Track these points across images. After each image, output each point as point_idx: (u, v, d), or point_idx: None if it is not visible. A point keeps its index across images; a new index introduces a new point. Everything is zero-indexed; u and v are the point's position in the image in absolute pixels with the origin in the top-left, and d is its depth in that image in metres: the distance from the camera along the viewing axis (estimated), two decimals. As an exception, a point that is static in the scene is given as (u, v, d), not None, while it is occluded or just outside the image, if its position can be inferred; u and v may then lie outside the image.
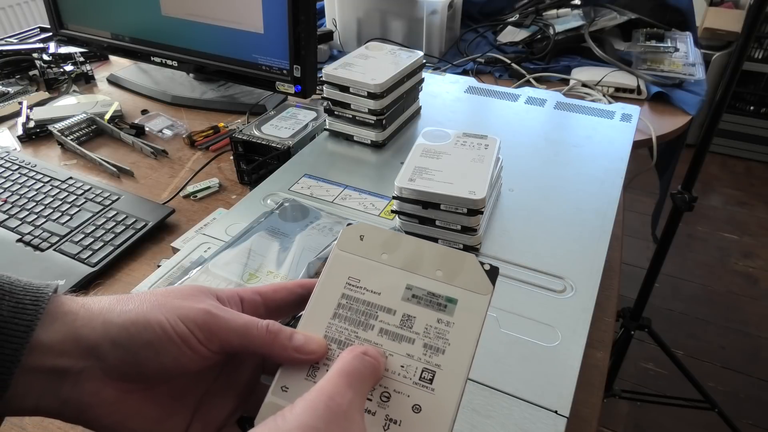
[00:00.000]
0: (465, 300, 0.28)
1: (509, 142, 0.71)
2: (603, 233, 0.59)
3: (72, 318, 0.27)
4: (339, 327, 0.28)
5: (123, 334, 0.26)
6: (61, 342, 0.26)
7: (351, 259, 0.30)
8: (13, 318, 0.26)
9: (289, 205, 0.59)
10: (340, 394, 0.24)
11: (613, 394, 1.46)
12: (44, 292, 0.27)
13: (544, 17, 1.30)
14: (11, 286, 0.27)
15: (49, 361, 0.26)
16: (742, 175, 2.55)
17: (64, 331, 0.27)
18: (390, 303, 0.29)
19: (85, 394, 0.26)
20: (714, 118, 1.10)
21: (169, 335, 0.26)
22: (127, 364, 0.27)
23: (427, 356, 0.27)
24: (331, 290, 0.29)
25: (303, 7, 0.85)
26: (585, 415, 0.49)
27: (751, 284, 1.96)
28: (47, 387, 0.26)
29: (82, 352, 0.26)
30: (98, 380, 0.27)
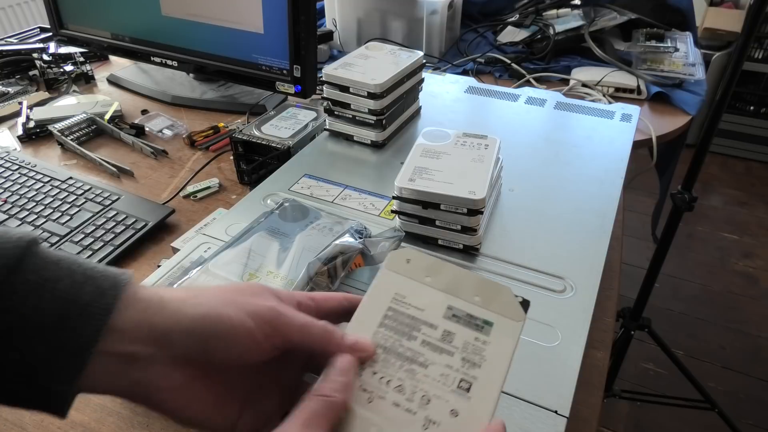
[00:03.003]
0: (500, 324, 0.32)
1: (509, 142, 0.71)
2: (603, 233, 0.59)
3: (145, 306, 0.28)
4: (385, 335, 0.31)
5: (195, 326, 0.28)
6: (134, 328, 0.28)
7: (397, 278, 0.33)
8: (94, 302, 0.27)
9: (289, 205, 0.59)
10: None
11: (613, 394, 1.46)
12: (121, 279, 0.28)
13: (544, 17, 1.30)
14: (92, 272, 0.28)
15: (123, 346, 0.27)
16: (742, 175, 2.55)
17: (137, 318, 0.28)
18: (432, 319, 0.32)
19: (153, 378, 0.28)
20: (714, 118, 1.10)
21: (237, 329, 0.28)
22: (195, 353, 0.29)
23: (464, 368, 0.30)
24: (378, 303, 0.33)
25: (303, 7, 0.85)
26: (585, 415, 0.49)
27: (751, 284, 1.96)
28: (120, 370, 0.28)
29: (153, 339, 0.28)
30: (166, 366, 0.28)
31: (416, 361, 0.30)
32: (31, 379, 0.26)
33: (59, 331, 0.26)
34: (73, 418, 0.50)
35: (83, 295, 0.27)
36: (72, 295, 0.27)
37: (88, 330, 0.26)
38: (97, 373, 0.27)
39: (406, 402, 0.29)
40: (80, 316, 0.26)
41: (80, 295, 0.27)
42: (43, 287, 0.26)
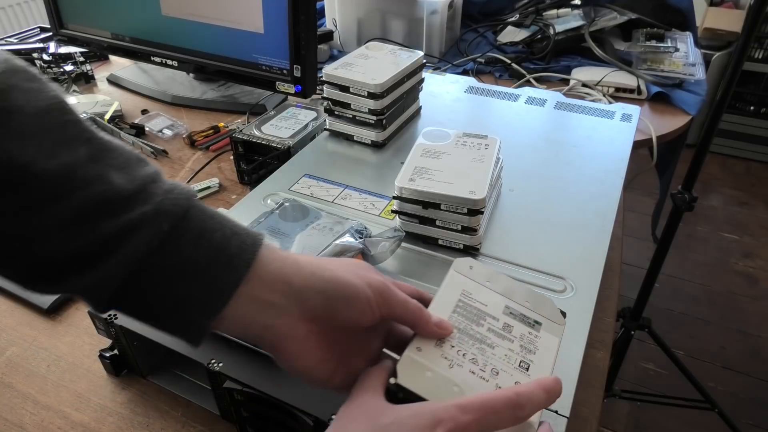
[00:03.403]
0: (547, 325, 0.39)
1: (509, 142, 0.71)
2: (603, 233, 0.59)
3: (281, 264, 0.33)
4: (458, 319, 0.37)
5: (325, 287, 0.33)
6: (273, 281, 0.33)
7: (463, 279, 0.40)
8: (238, 253, 0.32)
9: (289, 205, 0.59)
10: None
11: (613, 394, 1.46)
12: (260, 238, 0.34)
13: (544, 17, 1.30)
14: (237, 228, 0.33)
15: (262, 293, 0.32)
16: (742, 175, 2.55)
17: (277, 273, 0.33)
18: (494, 313, 0.39)
19: (282, 327, 0.33)
20: (714, 118, 1.10)
21: (358, 295, 0.33)
22: (321, 311, 0.33)
23: (522, 353, 0.37)
24: (449, 295, 0.39)
25: (303, 7, 0.85)
26: (585, 415, 0.49)
27: (751, 284, 1.96)
28: (256, 313, 0.32)
29: (289, 293, 0.33)
30: (295, 318, 0.33)
31: (485, 342, 0.37)
32: (180, 310, 0.31)
33: (209, 273, 0.31)
34: (74, 418, 0.50)
35: (230, 246, 0.32)
36: (222, 245, 0.32)
37: (232, 276, 0.31)
38: (236, 313, 0.32)
39: (480, 371, 0.35)
40: (227, 264, 0.31)
41: (228, 246, 0.32)
42: (203, 236, 0.31)
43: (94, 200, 0.29)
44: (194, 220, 0.32)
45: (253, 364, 0.44)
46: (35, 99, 0.29)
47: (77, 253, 0.29)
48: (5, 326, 0.61)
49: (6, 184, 0.27)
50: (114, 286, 0.30)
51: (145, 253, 0.30)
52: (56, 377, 0.55)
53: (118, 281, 0.30)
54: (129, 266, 0.30)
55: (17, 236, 0.28)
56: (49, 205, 0.28)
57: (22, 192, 0.28)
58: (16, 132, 0.28)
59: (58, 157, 0.29)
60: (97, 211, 0.29)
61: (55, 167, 0.28)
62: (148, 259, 0.30)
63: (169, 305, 0.31)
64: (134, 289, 0.31)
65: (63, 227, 0.28)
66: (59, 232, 0.29)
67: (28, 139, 0.28)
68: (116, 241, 0.29)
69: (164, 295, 0.31)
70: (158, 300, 0.31)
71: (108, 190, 0.29)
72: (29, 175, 0.28)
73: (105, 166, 0.30)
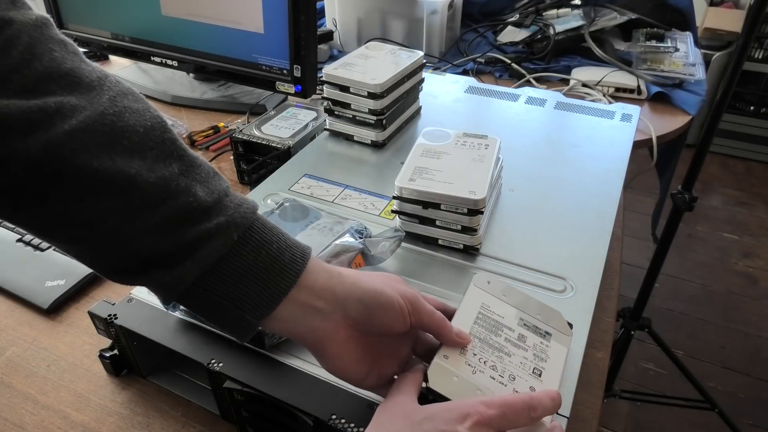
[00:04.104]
0: (556, 335, 0.43)
1: (509, 142, 0.71)
2: (603, 233, 0.59)
3: (327, 276, 0.38)
4: (478, 330, 0.41)
5: (365, 297, 0.38)
6: (320, 289, 0.37)
7: (482, 293, 0.44)
8: (291, 264, 0.37)
9: (289, 204, 0.59)
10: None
11: (613, 394, 1.46)
12: (307, 252, 0.38)
13: (544, 17, 1.30)
14: (290, 241, 0.38)
15: (310, 299, 0.37)
16: (742, 175, 2.55)
17: (323, 283, 0.38)
18: (510, 324, 0.43)
19: (326, 330, 0.37)
20: (714, 118, 1.10)
21: (393, 305, 0.38)
22: (360, 318, 0.38)
23: (536, 361, 0.41)
24: (470, 308, 0.43)
25: (303, 7, 0.85)
26: (585, 415, 0.49)
27: (751, 284, 1.96)
28: (304, 317, 0.37)
29: (333, 300, 0.37)
30: (338, 323, 0.38)
31: (503, 351, 0.41)
32: (236, 309, 0.35)
33: (265, 279, 0.36)
34: (74, 418, 0.50)
35: (283, 257, 0.37)
36: (278, 256, 0.36)
37: (282, 283, 0.36)
38: (285, 315, 0.37)
39: (499, 377, 0.39)
40: (280, 272, 0.36)
41: (281, 257, 0.36)
42: (263, 246, 0.36)
43: (182, 210, 0.34)
44: (257, 232, 0.36)
45: (253, 364, 0.45)
46: (142, 119, 0.34)
47: (162, 253, 0.34)
48: (5, 326, 0.61)
49: (114, 192, 0.32)
50: (188, 283, 0.35)
51: (217, 258, 0.35)
52: (56, 377, 0.55)
53: (192, 280, 0.35)
54: (202, 268, 0.34)
55: (115, 236, 0.33)
56: (145, 212, 0.33)
57: (126, 200, 0.33)
58: (128, 148, 0.33)
59: (156, 171, 0.34)
60: (182, 219, 0.34)
61: (154, 179, 0.33)
62: (218, 263, 0.35)
63: (227, 304, 0.35)
64: (202, 287, 0.35)
65: (154, 230, 0.33)
66: (151, 233, 0.33)
67: (135, 154, 0.33)
68: (195, 245, 0.34)
69: (225, 295, 0.35)
70: (219, 298, 0.35)
71: (193, 201, 0.34)
72: (133, 185, 0.33)
73: (191, 180, 0.35)
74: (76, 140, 0.31)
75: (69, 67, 0.33)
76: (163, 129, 0.36)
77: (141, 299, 0.51)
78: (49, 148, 0.30)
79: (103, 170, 0.32)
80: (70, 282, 0.64)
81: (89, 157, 0.31)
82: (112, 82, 0.35)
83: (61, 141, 0.31)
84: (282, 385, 0.43)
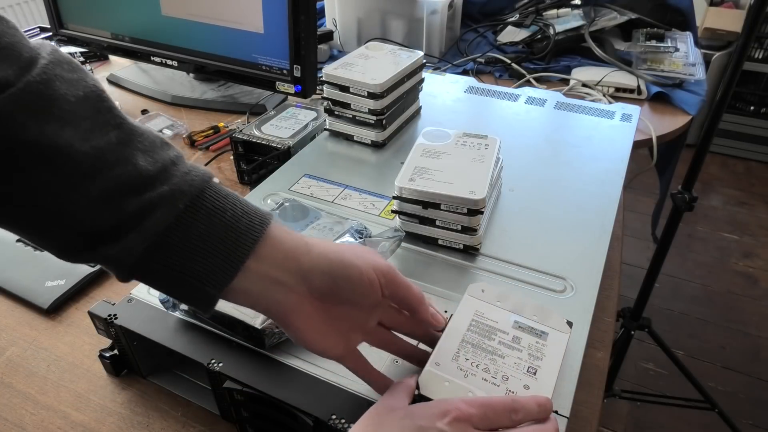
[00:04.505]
0: (553, 334, 0.44)
1: (509, 142, 0.71)
2: (603, 233, 0.59)
3: (292, 245, 0.37)
4: (472, 336, 0.43)
5: (332, 269, 0.37)
6: (283, 259, 0.36)
7: (476, 302, 0.46)
8: (247, 232, 0.35)
9: (289, 205, 0.59)
10: None
11: (613, 394, 1.46)
12: (268, 218, 0.36)
13: (544, 17, 1.30)
14: (247, 208, 0.36)
15: (270, 270, 0.35)
16: (742, 175, 2.55)
17: (286, 252, 0.36)
18: (504, 328, 0.44)
19: (290, 303, 0.36)
20: (714, 118, 1.10)
21: (362, 277, 0.37)
22: (327, 290, 0.37)
23: (530, 360, 0.41)
24: (464, 316, 0.45)
25: (303, 7, 0.85)
26: (585, 415, 0.49)
27: (751, 284, 1.96)
28: (265, 289, 0.36)
29: (297, 271, 0.36)
30: (302, 296, 0.37)
31: (496, 353, 0.42)
32: (191, 282, 0.34)
33: (219, 249, 0.34)
34: (74, 418, 0.50)
35: (240, 225, 0.35)
36: (233, 224, 0.34)
37: (238, 252, 0.34)
38: (244, 287, 0.35)
39: (492, 378, 0.40)
40: (236, 241, 0.34)
41: (238, 225, 0.35)
42: (215, 215, 0.34)
43: (120, 180, 0.32)
44: (208, 200, 0.34)
45: (253, 364, 0.45)
46: (75, 88, 0.32)
47: (105, 227, 0.32)
48: (5, 326, 0.61)
49: (45, 163, 0.31)
50: (135, 257, 0.33)
51: (163, 228, 0.33)
52: (56, 377, 0.55)
53: (138, 253, 0.33)
54: (147, 240, 0.33)
55: (53, 210, 0.32)
56: (81, 183, 0.32)
57: (58, 171, 0.31)
58: (57, 117, 0.31)
59: (91, 140, 0.32)
60: (121, 191, 0.32)
61: (88, 149, 0.32)
62: (165, 234, 0.33)
63: (181, 277, 0.34)
64: (152, 260, 0.33)
65: (92, 203, 0.32)
66: (89, 207, 0.32)
67: (66, 124, 0.31)
68: (137, 217, 0.33)
69: (178, 268, 0.34)
70: (173, 271, 0.34)
71: (132, 171, 0.33)
72: (65, 156, 0.31)
73: (132, 150, 0.33)
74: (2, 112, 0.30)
75: (8, 42, 0.31)
76: (99, 98, 0.33)
77: (141, 299, 0.51)
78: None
79: (30, 141, 0.30)
80: (70, 282, 0.64)
81: (15, 127, 0.30)
82: (48, 52, 0.33)
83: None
84: (282, 385, 0.43)
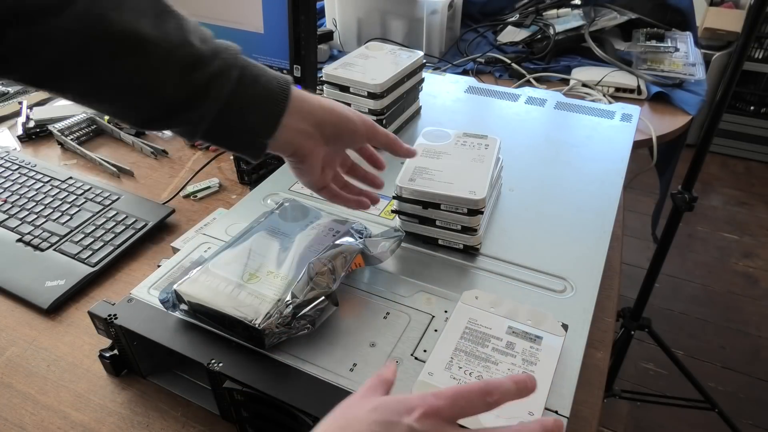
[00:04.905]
0: (547, 338, 0.44)
1: (509, 142, 0.71)
2: (603, 233, 0.59)
3: (309, 104, 0.47)
4: (465, 344, 0.44)
5: (338, 121, 0.49)
6: (306, 114, 0.47)
7: (469, 309, 0.47)
8: (279, 92, 0.45)
9: (289, 205, 0.59)
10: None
11: (613, 394, 1.46)
12: (288, 81, 0.46)
13: (544, 17, 1.30)
14: (270, 72, 0.45)
15: (298, 123, 0.46)
16: (742, 175, 2.55)
17: (307, 109, 0.47)
18: (498, 334, 0.44)
19: (310, 146, 0.48)
20: (714, 118, 1.10)
21: (357, 128, 0.50)
22: (331, 135, 0.49)
23: (524, 366, 0.42)
24: (457, 325, 0.45)
25: (303, 7, 0.85)
26: (585, 415, 0.49)
27: (751, 284, 1.96)
28: (294, 137, 0.47)
29: (314, 123, 0.47)
30: (316, 140, 0.48)
31: (489, 360, 0.42)
32: (249, 133, 0.45)
33: (264, 108, 0.44)
34: (74, 418, 0.50)
35: (273, 87, 0.45)
36: (268, 87, 0.44)
37: (278, 110, 0.45)
38: (281, 136, 0.46)
39: None
40: (274, 101, 0.45)
41: (272, 87, 0.45)
42: (257, 80, 0.44)
43: (186, 60, 0.40)
44: (246, 68, 0.43)
45: (253, 364, 0.45)
46: None
47: (182, 98, 0.41)
48: (5, 326, 0.61)
49: (133, 49, 0.38)
50: (209, 120, 0.42)
51: (227, 93, 0.42)
52: (56, 377, 0.55)
53: (212, 117, 0.42)
54: (218, 104, 0.42)
55: (146, 88, 0.40)
56: (162, 64, 0.39)
57: (146, 54, 0.39)
58: (133, 10, 0.38)
59: (159, 27, 0.39)
60: (190, 67, 0.40)
61: (159, 34, 0.39)
62: (228, 98, 0.42)
63: (242, 130, 0.44)
64: (218, 121, 0.43)
65: (171, 79, 0.40)
66: (169, 83, 0.40)
67: (141, 15, 0.38)
68: (206, 87, 0.41)
69: (239, 123, 0.44)
70: (233, 129, 0.44)
71: (194, 51, 0.41)
72: (145, 41, 0.38)
73: (186, 33, 0.41)
74: (97, 7, 0.36)
75: None
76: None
77: (141, 299, 0.51)
78: (81, 19, 0.36)
79: (123, 31, 0.37)
80: (70, 282, 0.64)
81: (110, 21, 0.37)
82: None
83: (87, 11, 0.36)
84: (282, 385, 0.43)
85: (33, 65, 0.37)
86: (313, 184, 0.52)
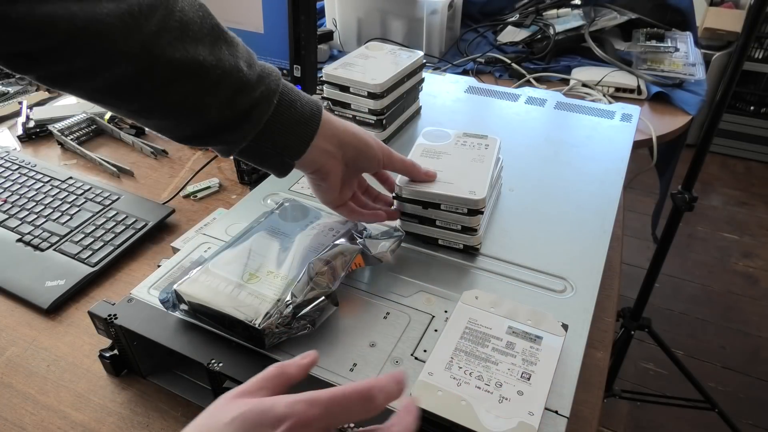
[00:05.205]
0: (547, 338, 0.44)
1: (509, 142, 0.71)
2: (603, 233, 0.59)
3: (335, 126, 0.50)
4: (465, 344, 0.44)
5: (359, 145, 0.51)
6: (331, 136, 0.49)
7: (469, 309, 0.47)
8: (312, 117, 0.48)
9: (289, 205, 0.59)
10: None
11: (613, 394, 1.46)
12: (320, 106, 0.49)
13: (544, 17, 1.30)
14: (306, 97, 0.48)
15: (324, 144, 0.49)
16: (742, 175, 2.55)
17: (333, 131, 0.49)
18: (498, 334, 0.44)
19: (332, 166, 0.50)
20: (714, 118, 1.10)
21: (375, 153, 0.52)
22: (353, 158, 0.52)
23: (524, 365, 0.42)
24: (457, 325, 0.45)
25: (303, 7, 0.85)
26: (585, 415, 0.49)
27: (751, 284, 1.96)
28: (319, 157, 0.49)
29: (338, 145, 0.50)
30: (338, 161, 0.51)
31: (489, 360, 0.42)
32: (279, 154, 0.48)
33: (297, 131, 0.47)
34: (74, 418, 0.50)
35: (306, 112, 0.47)
36: (302, 111, 0.47)
37: (309, 133, 0.48)
38: (308, 156, 0.48)
39: (485, 385, 0.40)
40: (306, 125, 0.48)
41: (304, 112, 0.47)
42: (292, 105, 0.47)
43: (236, 84, 0.43)
44: (285, 94, 0.46)
45: (253, 364, 0.44)
46: (194, 10, 0.41)
47: (227, 120, 0.43)
48: (5, 326, 0.61)
49: (191, 76, 0.40)
50: (248, 141, 0.45)
51: (265, 119, 0.45)
52: (56, 377, 0.55)
53: (250, 138, 0.45)
54: (256, 128, 0.45)
55: (195, 110, 0.42)
56: (213, 89, 0.42)
57: (199, 81, 0.41)
58: (192, 38, 0.40)
59: (214, 54, 0.41)
60: (237, 91, 0.43)
61: (215, 62, 0.41)
62: (266, 123, 0.45)
63: (273, 151, 0.47)
64: (254, 141, 0.46)
65: (220, 103, 0.42)
66: (218, 106, 0.43)
67: (198, 43, 0.40)
68: (249, 111, 0.44)
69: (270, 146, 0.47)
70: (266, 149, 0.47)
71: (242, 77, 0.43)
72: (203, 69, 0.41)
73: (236, 59, 0.43)
74: (161, 37, 0.38)
75: None
76: (209, 15, 0.42)
77: (141, 299, 0.51)
78: (144, 46, 0.37)
79: (181, 59, 0.39)
80: (70, 282, 0.64)
81: (171, 49, 0.39)
82: None
83: (151, 39, 0.37)
84: (282, 385, 0.43)
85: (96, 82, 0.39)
86: (331, 201, 0.53)
